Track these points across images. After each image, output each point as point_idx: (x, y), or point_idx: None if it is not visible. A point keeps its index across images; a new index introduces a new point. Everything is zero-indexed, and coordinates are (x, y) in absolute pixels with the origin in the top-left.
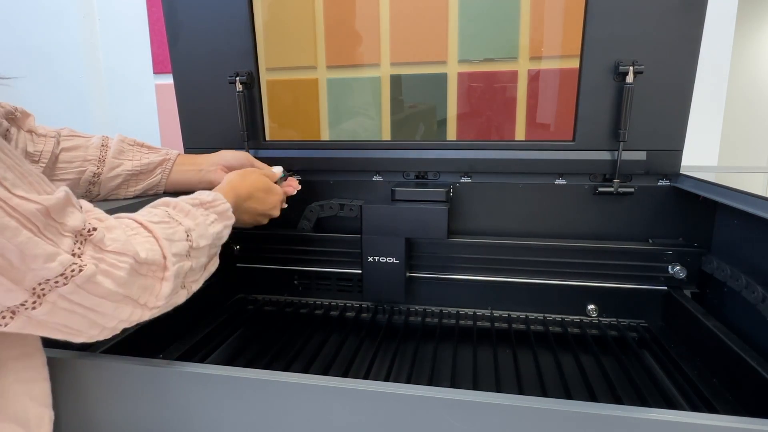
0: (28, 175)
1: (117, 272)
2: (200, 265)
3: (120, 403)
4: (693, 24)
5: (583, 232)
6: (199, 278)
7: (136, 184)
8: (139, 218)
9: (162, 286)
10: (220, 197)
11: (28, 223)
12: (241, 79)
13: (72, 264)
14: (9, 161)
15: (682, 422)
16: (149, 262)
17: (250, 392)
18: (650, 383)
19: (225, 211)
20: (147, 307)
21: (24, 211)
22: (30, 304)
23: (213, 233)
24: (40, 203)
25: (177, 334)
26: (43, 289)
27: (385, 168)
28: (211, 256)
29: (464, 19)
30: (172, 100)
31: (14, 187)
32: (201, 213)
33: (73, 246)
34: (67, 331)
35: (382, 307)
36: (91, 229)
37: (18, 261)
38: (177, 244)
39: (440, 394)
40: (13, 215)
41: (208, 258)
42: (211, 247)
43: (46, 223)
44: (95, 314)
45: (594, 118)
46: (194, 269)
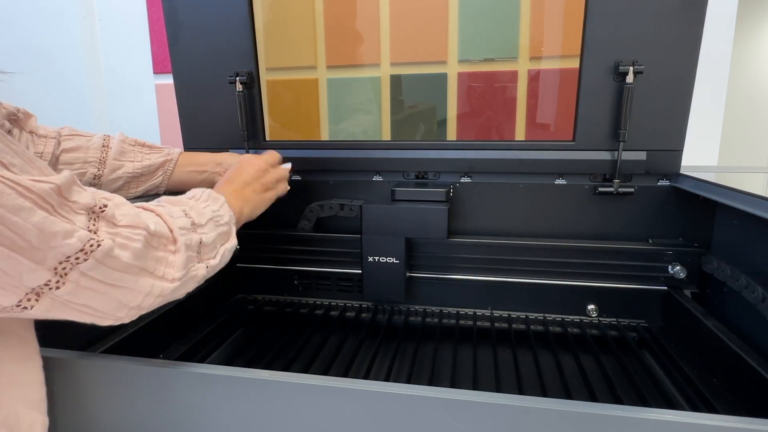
0: (35, 161)
1: (133, 244)
2: (210, 240)
3: (120, 403)
4: (693, 24)
5: (583, 232)
6: (215, 254)
7: (137, 186)
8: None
9: (176, 257)
10: (200, 189)
11: (42, 203)
12: (241, 79)
13: (90, 239)
14: (16, 147)
15: (682, 422)
16: (159, 235)
17: (250, 392)
18: (650, 383)
19: (210, 195)
20: (166, 279)
21: (38, 191)
22: (54, 283)
23: (209, 212)
24: (52, 182)
25: (177, 334)
26: (65, 268)
27: (385, 168)
28: (221, 233)
29: (464, 19)
30: (172, 100)
31: (23, 171)
32: (190, 201)
33: (88, 223)
34: (93, 313)
35: (382, 307)
36: (102, 206)
37: (37, 240)
38: (178, 219)
39: (440, 394)
40: (27, 196)
41: (217, 234)
42: (216, 225)
43: (59, 201)
44: (117, 291)
45: (594, 118)
46: (205, 244)
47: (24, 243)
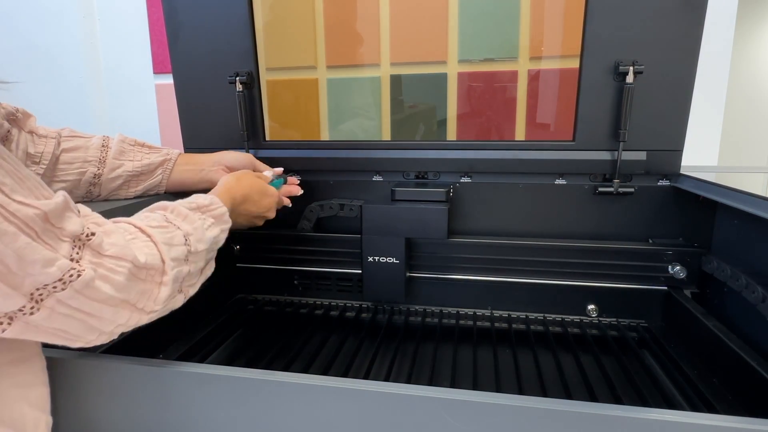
0: (27, 180)
1: (115, 277)
2: (197, 269)
3: (120, 403)
4: (693, 24)
5: (583, 232)
6: (195, 282)
7: (137, 185)
8: (138, 223)
9: (160, 290)
10: (216, 201)
11: (26, 228)
12: (241, 79)
13: (70, 269)
14: (8, 166)
15: (682, 422)
16: (148, 267)
17: (250, 392)
18: (650, 383)
19: (222, 215)
20: (144, 311)
21: (23, 216)
22: (28, 309)
23: (210, 237)
24: (39, 208)
25: (177, 334)
26: (41, 295)
27: (385, 168)
28: (208, 260)
29: (464, 19)
30: (172, 100)
31: (13, 192)
32: (198, 217)
33: (72, 251)
34: (65, 336)
35: (382, 307)
36: (90, 234)
37: (16, 266)
38: (176, 248)
39: (440, 394)
40: (11, 220)
41: (206, 262)
42: (208, 252)
43: (44, 228)
44: (93, 319)
45: (594, 118)
46: (192, 273)
47: (2, 267)
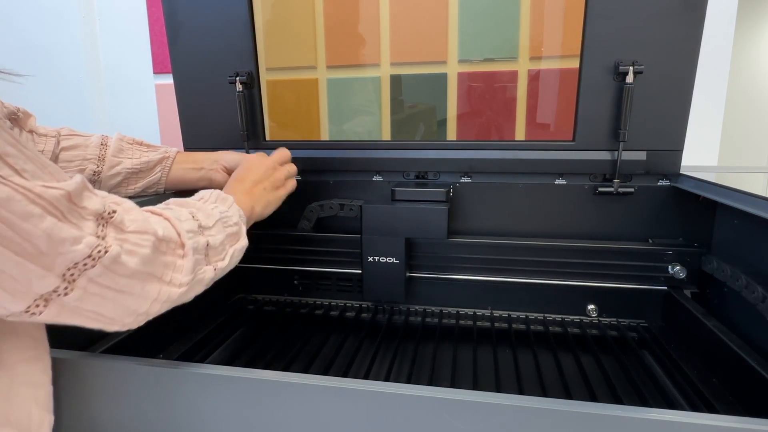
0: (47, 166)
1: (141, 250)
2: (218, 242)
3: (120, 402)
4: (693, 24)
5: (583, 232)
6: (224, 257)
7: (136, 182)
8: (144, 209)
9: (184, 262)
10: (208, 191)
11: (52, 209)
12: (241, 79)
13: (98, 245)
14: (29, 153)
15: (682, 422)
16: (167, 239)
17: (250, 392)
18: (650, 383)
19: (218, 196)
20: (174, 284)
21: (49, 197)
22: (62, 290)
23: (217, 213)
24: (63, 188)
25: (177, 334)
26: (73, 274)
27: (385, 168)
28: (230, 234)
29: (464, 19)
30: (172, 100)
31: (35, 177)
32: (198, 203)
33: (96, 229)
34: (100, 319)
35: (382, 307)
36: (111, 212)
37: (46, 246)
38: (185, 222)
39: (440, 394)
40: (37, 202)
41: (225, 236)
42: (224, 226)
43: (69, 207)
44: (125, 296)
45: (594, 118)
46: (213, 246)
47: (33, 249)
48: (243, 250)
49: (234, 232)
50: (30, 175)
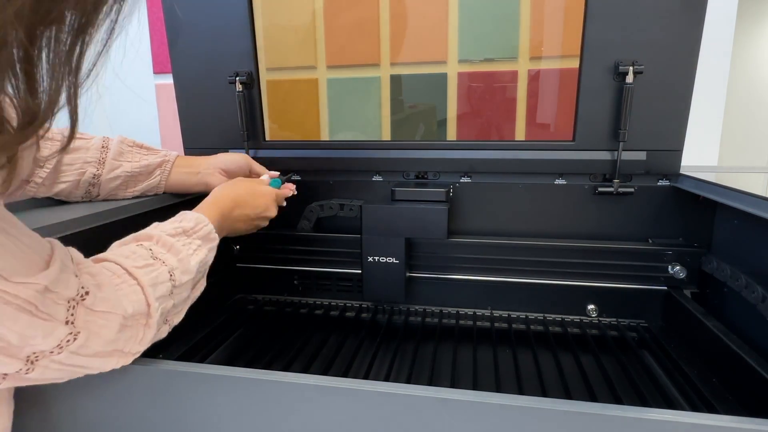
0: (28, 251)
1: (106, 332)
2: (182, 299)
3: (119, 402)
4: (693, 24)
5: (583, 232)
6: (181, 310)
7: (135, 185)
8: (125, 263)
9: (145, 332)
10: (202, 220)
11: (26, 305)
12: (241, 79)
13: (68, 334)
14: (9, 244)
15: (682, 422)
16: (136, 314)
17: (250, 392)
18: (650, 383)
19: (208, 233)
20: (131, 353)
21: (24, 296)
22: (23, 371)
23: (196, 263)
24: (39, 282)
25: (177, 334)
26: (38, 357)
27: (385, 168)
28: (196, 283)
29: (464, 19)
30: (172, 100)
31: (13, 273)
32: (183, 243)
33: (66, 313)
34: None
35: (382, 307)
36: (84, 294)
37: (17, 341)
38: (160, 286)
39: (440, 394)
40: (12, 303)
41: (191, 289)
42: (195, 279)
43: (43, 299)
44: (83, 369)
45: (594, 118)
46: (176, 305)
47: (3, 344)
48: (199, 294)
49: (200, 279)
50: (9, 271)
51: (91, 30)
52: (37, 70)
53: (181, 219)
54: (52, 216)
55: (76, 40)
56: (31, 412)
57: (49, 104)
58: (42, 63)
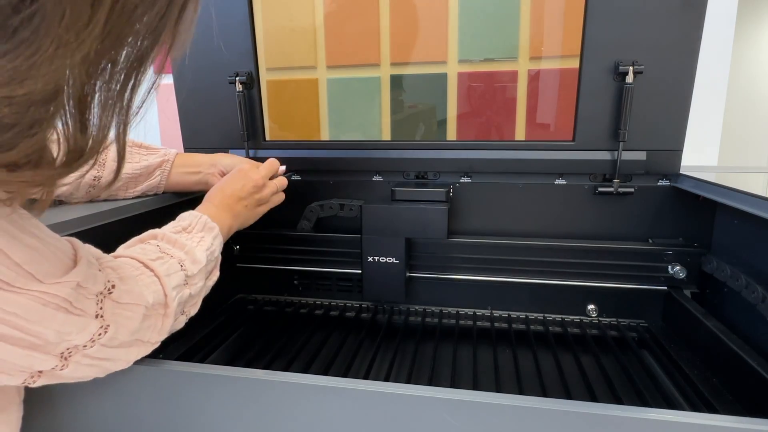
0: (56, 251)
1: (131, 323)
2: (198, 290)
3: (120, 403)
4: (693, 24)
5: (583, 232)
6: (197, 302)
7: (135, 186)
8: (140, 257)
9: (165, 321)
10: (196, 215)
11: (63, 303)
12: (241, 79)
13: (99, 327)
14: (39, 246)
15: (682, 422)
16: (155, 304)
17: (250, 392)
18: (650, 383)
19: (205, 224)
20: (150, 343)
21: (61, 294)
22: (59, 367)
23: (203, 252)
24: (72, 280)
25: (177, 334)
26: (71, 353)
27: (385, 168)
28: (209, 272)
29: (464, 19)
30: (172, 100)
31: (47, 276)
32: (186, 238)
33: (96, 307)
34: (80, 380)
35: (382, 307)
36: (111, 288)
37: (54, 339)
38: (174, 276)
39: (440, 394)
40: (50, 303)
41: (205, 278)
42: (207, 265)
43: (77, 295)
44: (110, 362)
45: (594, 118)
46: (193, 295)
47: (41, 342)
48: (213, 283)
49: (213, 268)
50: (43, 274)
51: (144, 66)
52: (90, 108)
53: (179, 220)
54: (52, 216)
55: (129, 76)
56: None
57: (98, 141)
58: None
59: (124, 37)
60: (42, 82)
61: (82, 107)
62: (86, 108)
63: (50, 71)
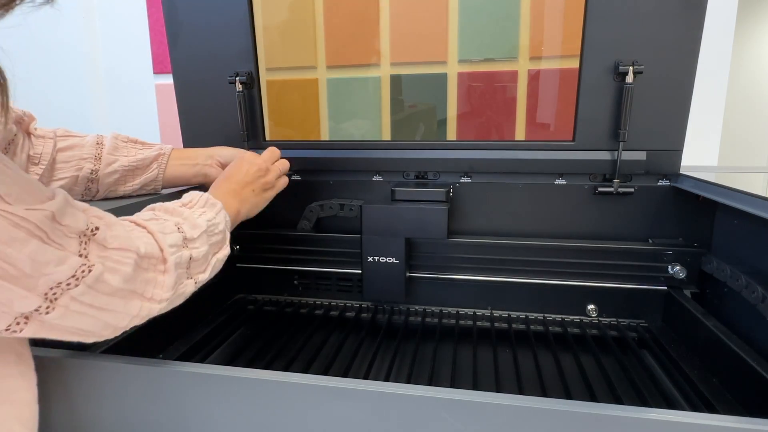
0: (29, 184)
1: (123, 268)
2: (201, 254)
3: (119, 403)
4: (693, 24)
5: (583, 232)
6: (205, 268)
7: (133, 179)
8: (129, 217)
9: (165, 278)
10: (196, 194)
11: (36, 231)
12: (241, 79)
13: (81, 265)
14: (11, 173)
15: (682, 422)
16: (149, 256)
17: (250, 392)
18: (650, 383)
19: (207, 200)
20: (154, 300)
21: (33, 219)
22: (44, 309)
23: (204, 221)
24: (47, 209)
25: (177, 334)
26: (55, 294)
27: (385, 168)
28: (213, 243)
29: (464, 19)
30: (172, 100)
31: (18, 200)
32: (185, 210)
33: (79, 247)
34: (80, 333)
35: (382, 307)
36: (94, 229)
37: (30, 269)
38: (170, 236)
39: (440, 394)
40: (21, 226)
41: (209, 246)
42: (209, 236)
43: (53, 227)
44: (106, 313)
45: (594, 118)
46: (196, 259)
47: (16, 272)
48: (225, 258)
49: (218, 241)
50: (14, 198)
51: None
52: None
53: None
54: None
55: None
56: None
57: None
58: None
59: None
60: None
61: None
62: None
63: None
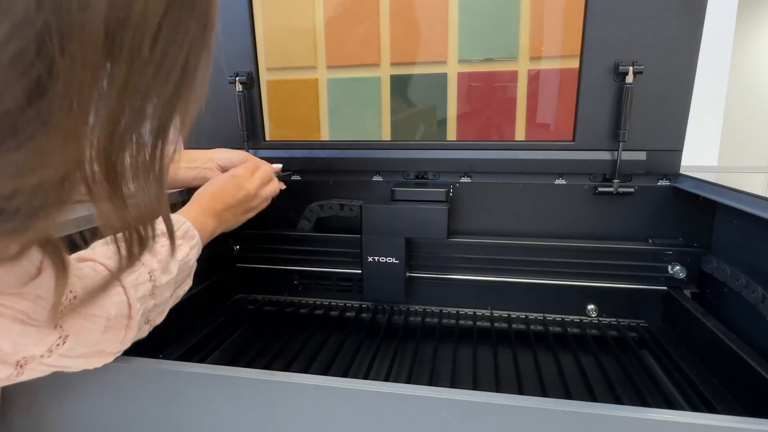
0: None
1: (92, 335)
2: (163, 300)
3: (119, 403)
4: (693, 24)
5: (583, 232)
6: (163, 310)
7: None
8: (108, 264)
9: (126, 333)
10: (180, 220)
11: (19, 315)
12: (241, 79)
13: (57, 338)
14: None
15: (682, 422)
16: (118, 316)
17: (250, 392)
18: (650, 383)
19: (186, 231)
20: (111, 353)
21: (18, 307)
22: (14, 376)
23: (176, 263)
24: (31, 292)
25: (177, 334)
26: (27, 362)
27: (385, 168)
28: (178, 282)
29: (464, 19)
30: None
31: (6, 285)
32: (162, 244)
33: (56, 319)
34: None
35: (382, 307)
36: (72, 298)
37: (10, 349)
38: (141, 287)
39: (440, 394)
40: (5, 314)
41: (174, 288)
42: (178, 275)
43: (35, 307)
44: (68, 368)
45: (594, 118)
46: (158, 305)
47: None
48: (184, 292)
49: (183, 278)
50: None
51: (167, 130)
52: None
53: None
54: None
55: (155, 144)
56: (27, 413)
57: (148, 208)
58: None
59: (141, 119)
60: (53, 170)
61: (114, 183)
62: (118, 183)
63: (62, 159)
